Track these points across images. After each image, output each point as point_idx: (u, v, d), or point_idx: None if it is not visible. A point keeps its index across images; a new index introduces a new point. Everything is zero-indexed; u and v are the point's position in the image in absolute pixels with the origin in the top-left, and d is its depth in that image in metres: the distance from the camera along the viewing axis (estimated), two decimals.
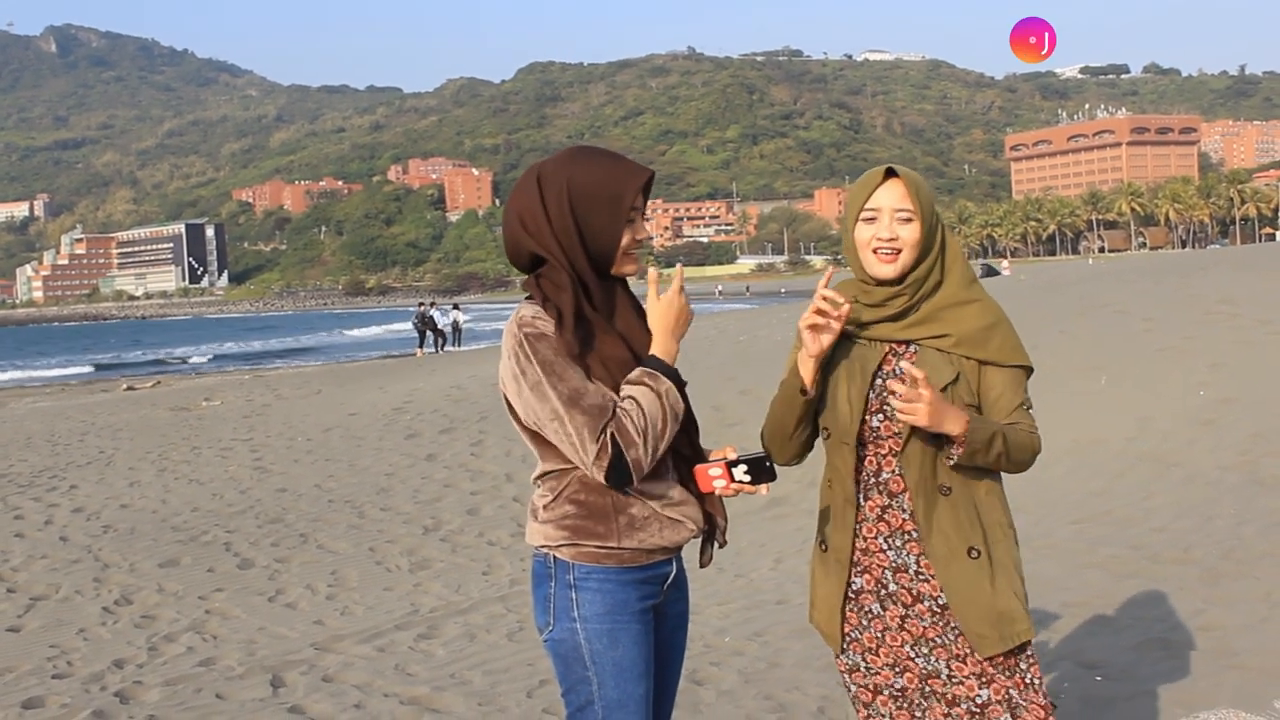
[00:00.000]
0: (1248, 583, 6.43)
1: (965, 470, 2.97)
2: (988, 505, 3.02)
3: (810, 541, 3.28)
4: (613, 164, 2.92)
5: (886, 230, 3.01)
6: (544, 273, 2.90)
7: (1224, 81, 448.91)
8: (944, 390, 2.94)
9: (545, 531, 2.91)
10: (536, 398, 2.80)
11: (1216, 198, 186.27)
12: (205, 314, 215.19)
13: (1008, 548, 3.02)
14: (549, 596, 2.92)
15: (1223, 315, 14.35)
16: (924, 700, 3.03)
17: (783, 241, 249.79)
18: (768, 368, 16.58)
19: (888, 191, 3.02)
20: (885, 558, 3.04)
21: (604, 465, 2.77)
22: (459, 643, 7.01)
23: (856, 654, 3.11)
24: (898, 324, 3.05)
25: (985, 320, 3.03)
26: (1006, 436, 2.92)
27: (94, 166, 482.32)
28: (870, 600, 3.07)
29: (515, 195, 2.95)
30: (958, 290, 3.05)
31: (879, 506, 3.04)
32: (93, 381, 43.32)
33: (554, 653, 2.93)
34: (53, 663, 6.99)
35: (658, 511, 2.89)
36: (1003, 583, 2.97)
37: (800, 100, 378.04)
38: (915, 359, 3.02)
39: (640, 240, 2.96)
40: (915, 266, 3.03)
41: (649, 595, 2.94)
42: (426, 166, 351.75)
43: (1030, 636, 2.97)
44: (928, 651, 3.01)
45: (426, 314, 43.21)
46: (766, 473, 2.88)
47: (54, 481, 13.82)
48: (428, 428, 15.65)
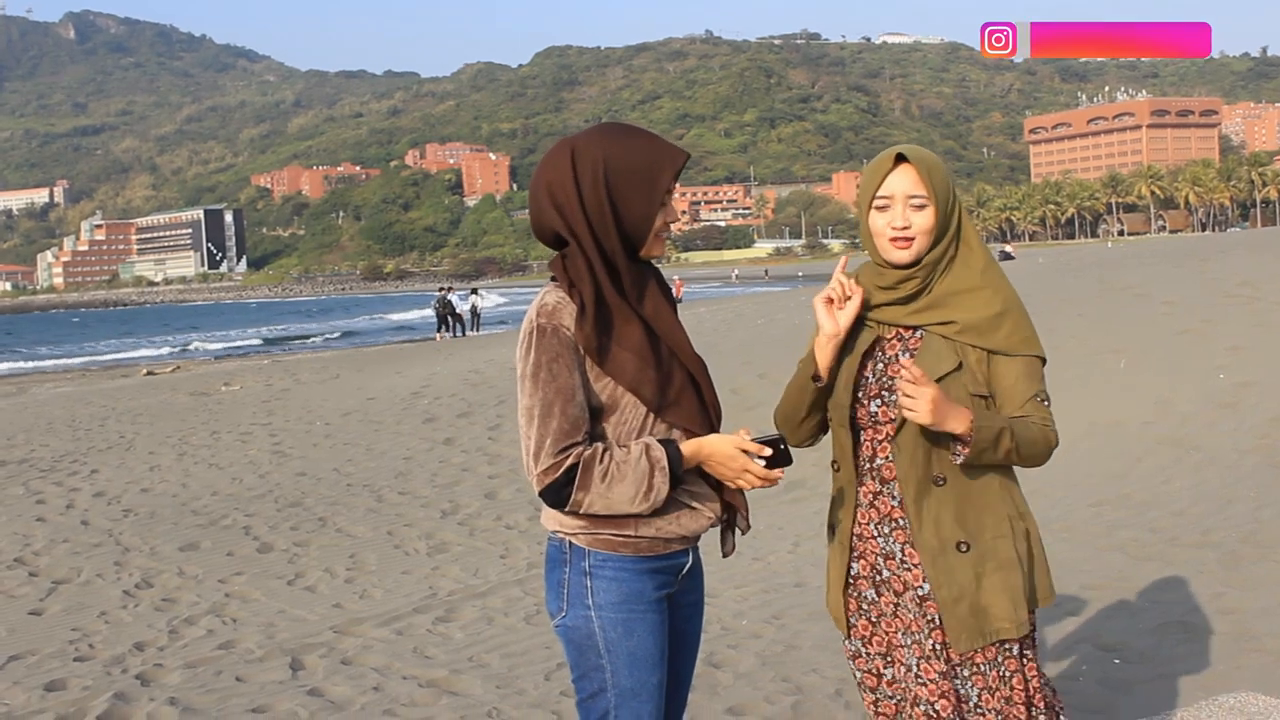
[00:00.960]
0: (1267, 566, 6.41)
1: (987, 463, 2.91)
2: (993, 498, 2.96)
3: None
4: (651, 143, 2.84)
5: (900, 218, 2.96)
6: (568, 254, 2.83)
7: (1245, 64, 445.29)
8: (941, 380, 2.89)
9: (560, 517, 2.87)
10: (522, 389, 2.79)
11: (1237, 181, 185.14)
12: (224, 299, 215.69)
13: (1012, 542, 2.96)
14: (563, 582, 2.88)
15: (1242, 298, 14.28)
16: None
17: (800, 225, 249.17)
18: (785, 351, 16.55)
19: (899, 177, 2.97)
20: (876, 544, 3.03)
21: (546, 481, 2.74)
22: (477, 626, 7.03)
23: (857, 639, 3.11)
24: (905, 308, 3.00)
25: (994, 308, 2.95)
26: (1015, 433, 2.86)
27: (113, 153, 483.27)
28: (866, 586, 3.07)
29: (544, 168, 2.85)
30: (969, 276, 2.98)
31: (871, 492, 3.04)
32: (113, 367, 43.47)
33: (566, 639, 2.90)
34: (74, 645, 7.03)
35: (676, 500, 2.84)
36: (994, 579, 2.92)
37: (818, 83, 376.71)
38: (920, 344, 2.99)
39: (671, 222, 2.89)
40: (930, 250, 2.98)
41: (664, 585, 2.91)
42: (444, 151, 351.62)
43: (1012, 635, 2.91)
44: (910, 643, 2.99)
45: (446, 298, 43.26)
46: (783, 456, 2.83)
47: (75, 466, 13.90)
48: (445, 412, 15.68)
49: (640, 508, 2.77)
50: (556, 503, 2.78)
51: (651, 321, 2.85)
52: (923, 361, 2.93)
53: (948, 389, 2.89)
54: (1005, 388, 2.95)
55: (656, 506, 2.79)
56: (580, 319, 2.76)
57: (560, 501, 2.77)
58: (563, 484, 2.74)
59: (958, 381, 2.91)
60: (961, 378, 2.92)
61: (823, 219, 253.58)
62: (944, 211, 2.96)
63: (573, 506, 2.77)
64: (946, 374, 2.91)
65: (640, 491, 2.75)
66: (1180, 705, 4.76)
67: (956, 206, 3.01)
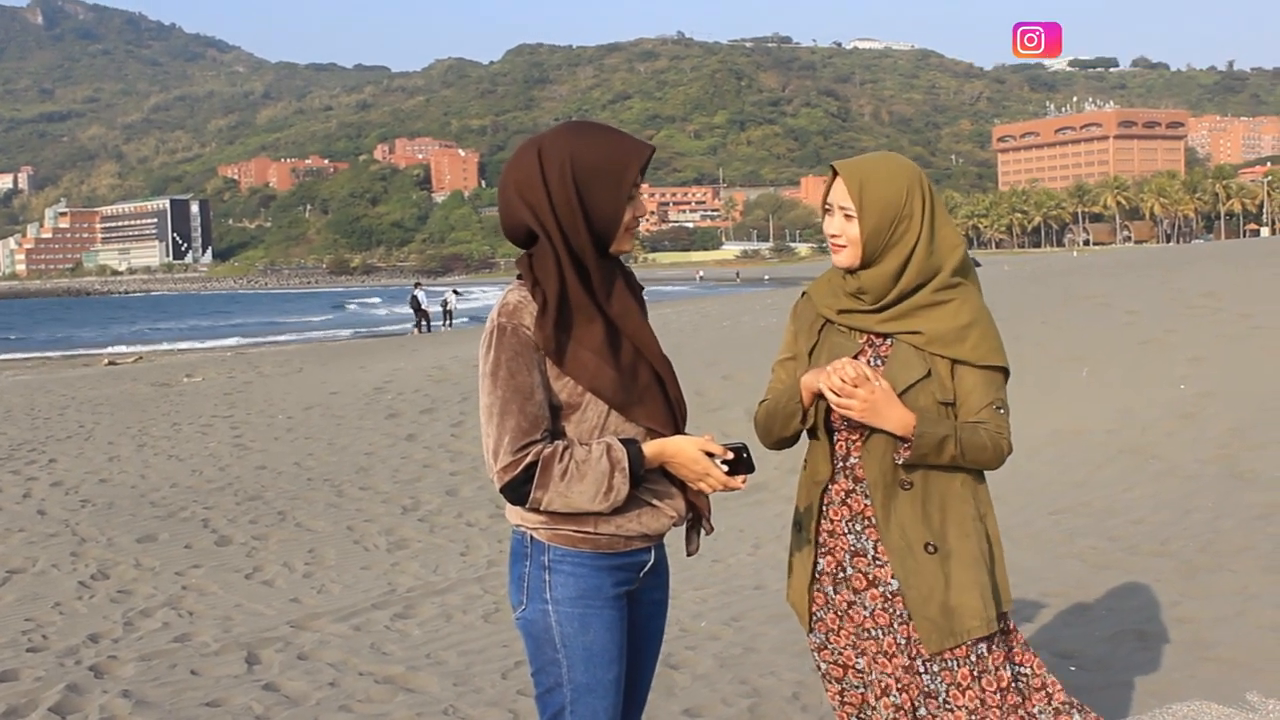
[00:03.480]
0: (1224, 576, 6.45)
1: (933, 465, 3.00)
2: (956, 499, 3.04)
3: (790, 527, 3.28)
4: (616, 139, 2.86)
5: (834, 225, 3.10)
6: (535, 252, 2.85)
7: (1212, 77, 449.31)
8: (910, 387, 2.98)
9: (523, 512, 2.88)
10: (483, 387, 2.81)
11: (1202, 193, 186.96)
12: (189, 290, 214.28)
13: (976, 542, 3.04)
14: (524, 576, 2.90)
15: (1205, 310, 14.40)
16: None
17: (768, 228, 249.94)
18: (750, 353, 16.58)
19: (836, 188, 3.09)
20: (846, 541, 3.09)
21: (505, 479, 2.78)
22: (435, 623, 7.00)
23: (822, 633, 3.16)
24: (876, 316, 3.09)
25: (960, 320, 3.03)
26: (962, 439, 2.95)
27: (79, 140, 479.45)
28: (829, 582, 3.13)
29: (512, 167, 2.87)
30: (934, 290, 3.05)
31: (844, 491, 3.10)
32: (73, 356, 43.13)
33: (525, 632, 2.92)
34: (28, 636, 6.95)
35: (638, 498, 2.85)
36: (962, 578, 2.99)
37: (789, 87, 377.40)
38: (890, 352, 3.06)
39: (639, 216, 2.93)
40: (874, 261, 3.05)
41: (623, 582, 2.92)
42: (413, 146, 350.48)
43: (983, 633, 2.98)
44: (869, 639, 3.06)
45: (414, 295, 43.63)
46: (744, 464, 2.84)
47: (33, 455, 13.77)
48: (409, 407, 15.62)
49: (600, 506, 2.78)
50: (516, 500, 2.81)
51: (618, 320, 2.86)
52: (891, 368, 3.02)
53: (916, 396, 2.98)
54: (963, 394, 3.04)
55: (616, 505, 2.80)
56: (541, 318, 2.78)
57: (520, 499, 2.79)
58: (522, 481, 2.76)
59: (926, 389, 3.00)
60: (930, 385, 3.00)
61: (790, 222, 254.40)
62: (875, 224, 3.02)
63: (532, 504, 2.79)
64: (915, 382, 2.99)
65: (600, 491, 2.77)
66: (1134, 713, 4.78)
67: (907, 221, 3.04)
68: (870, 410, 2.91)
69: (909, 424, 2.92)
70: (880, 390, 2.92)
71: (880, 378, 2.96)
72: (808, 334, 3.20)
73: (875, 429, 2.99)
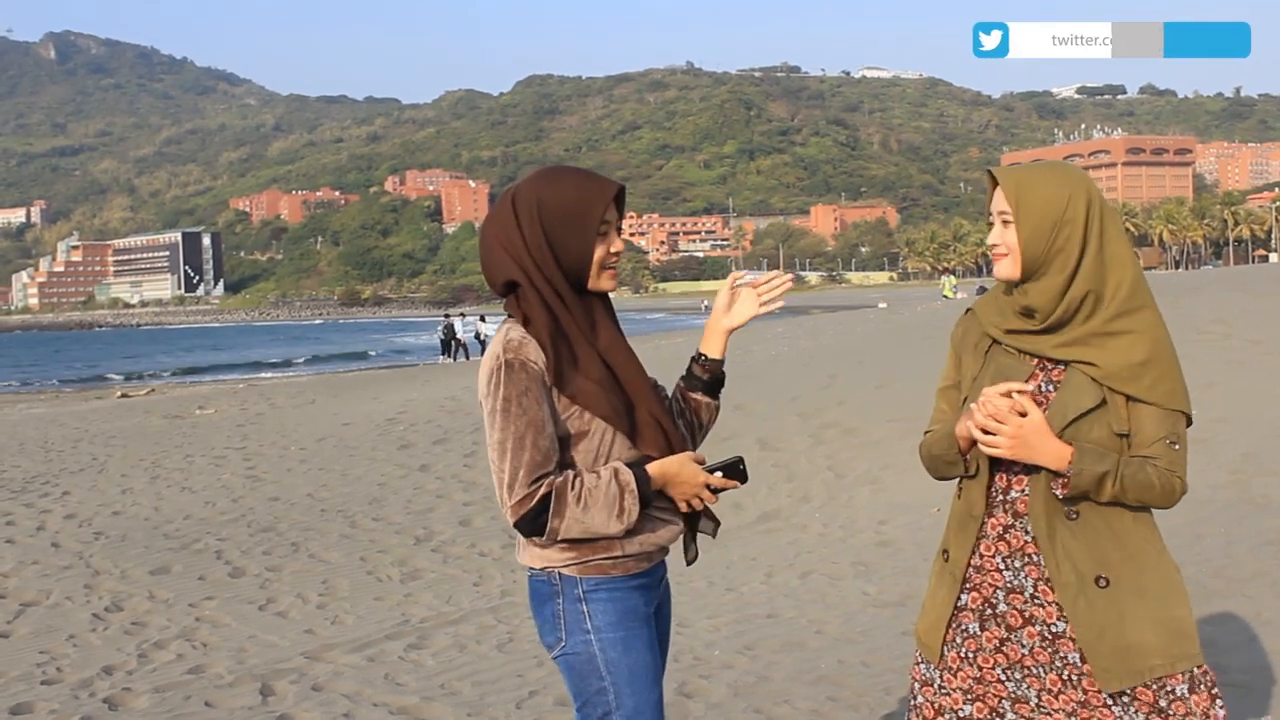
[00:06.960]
0: (1237, 601, 6.44)
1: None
2: (1128, 530, 2.85)
3: (803, 556, 3.28)
4: (582, 181, 2.96)
5: (994, 235, 2.93)
6: (520, 295, 2.94)
7: (1220, 103, 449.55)
8: (1083, 415, 2.80)
9: (546, 555, 2.93)
10: (492, 424, 2.87)
11: (1210, 219, 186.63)
12: (201, 323, 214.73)
13: (1156, 575, 2.85)
14: (558, 614, 2.94)
15: (1215, 335, 14.39)
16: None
17: (778, 257, 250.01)
18: (761, 383, 16.60)
19: (995, 195, 2.93)
20: (1000, 577, 2.90)
21: (520, 512, 2.82)
22: (449, 653, 7.01)
23: (939, 669, 2.98)
24: (1050, 340, 2.88)
25: (1136, 356, 2.82)
26: (1124, 476, 2.76)
27: (91, 174, 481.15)
28: (970, 619, 2.94)
29: (490, 220, 3.00)
30: (1110, 318, 2.84)
31: (1001, 525, 2.91)
32: (87, 389, 43.26)
33: (568, 667, 2.96)
34: (42, 669, 6.98)
35: (646, 512, 2.92)
36: (1138, 613, 2.79)
37: (798, 116, 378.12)
38: (1063, 377, 2.87)
39: (616, 253, 3.00)
40: (1038, 273, 2.86)
41: (651, 599, 3.02)
42: (424, 178, 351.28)
43: (1165, 672, 2.77)
44: (1020, 678, 2.86)
45: (450, 325, 44.32)
46: (739, 475, 2.97)
47: (46, 488, 13.80)
48: (421, 438, 15.65)
49: (614, 529, 2.85)
50: (532, 532, 2.86)
51: (605, 354, 2.95)
52: (1063, 395, 2.84)
53: (1090, 426, 2.80)
54: (1137, 426, 2.84)
55: (629, 527, 2.87)
56: (544, 351, 2.86)
57: (536, 530, 2.84)
58: (538, 513, 2.82)
59: (1100, 420, 2.81)
60: (1104, 415, 2.81)
61: (800, 251, 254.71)
62: (1033, 228, 2.85)
63: (550, 534, 2.84)
64: (1087, 410, 2.80)
65: (613, 514, 2.84)
66: None
67: (1065, 225, 2.84)
68: (1020, 445, 2.74)
69: (1064, 458, 2.74)
70: (1029, 424, 2.74)
71: (1033, 406, 2.76)
72: (972, 356, 3.02)
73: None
